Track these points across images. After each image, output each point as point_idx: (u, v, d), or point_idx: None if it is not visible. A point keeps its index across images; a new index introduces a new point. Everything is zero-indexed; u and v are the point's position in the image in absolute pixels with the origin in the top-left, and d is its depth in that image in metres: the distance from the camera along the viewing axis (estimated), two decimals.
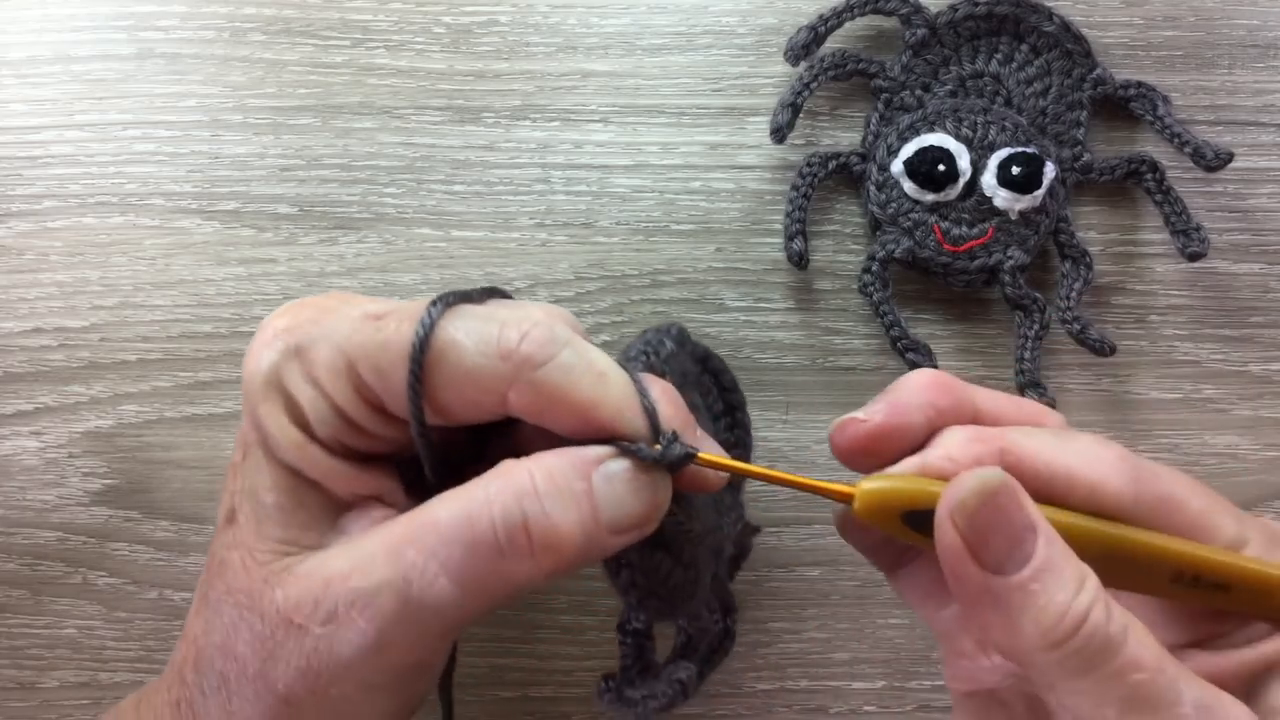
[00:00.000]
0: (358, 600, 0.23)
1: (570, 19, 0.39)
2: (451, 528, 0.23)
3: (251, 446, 0.25)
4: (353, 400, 0.24)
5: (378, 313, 0.24)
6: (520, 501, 0.23)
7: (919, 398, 0.26)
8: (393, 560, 0.23)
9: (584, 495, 0.24)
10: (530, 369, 0.23)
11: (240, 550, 0.25)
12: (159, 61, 0.39)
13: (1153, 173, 0.38)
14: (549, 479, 0.23)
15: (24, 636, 0.38)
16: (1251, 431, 0.39)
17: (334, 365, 0.24)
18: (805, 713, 0.39)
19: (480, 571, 0.23)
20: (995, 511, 0.23)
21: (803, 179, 0.38)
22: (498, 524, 0.23)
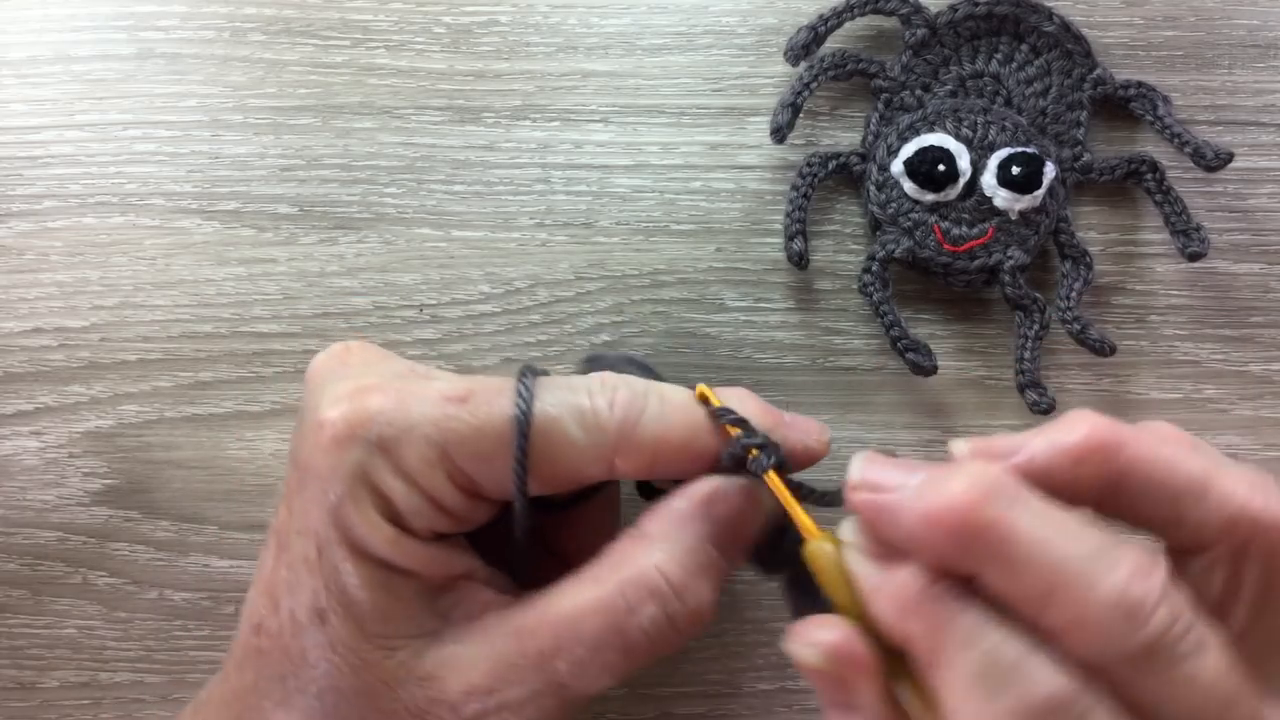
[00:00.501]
0: (509, 705, 0.23)
1: (570, 19, 0.39)
2: (599, 639, 0.23)
3: (331, 544, 0.24)
4: (448, 489, 0.24)
5: (458, 394, 0.24)
6: (664, 607, 0.24)
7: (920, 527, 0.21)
8: (540, 672, 0.24)
9: (709, 563, 0.24)
10: (630, 430, 0.24)
11: (342, 652, 0.24)
12: (159, 61, 0.39)
13: (1153, 173, 0.38)
14: (679, 568, 0.24)
15: (24, 636, 0.38)
16: (1251, 431, 0.39)
17: (427, 458, 0.23)
18: (805, 713, 0.39)
19: (636, 665, 0.24)
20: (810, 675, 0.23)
21: (803, 179, 0.38)
22: (648, 632, 0.24)
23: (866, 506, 0.22)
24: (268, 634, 0.25)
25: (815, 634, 0.22)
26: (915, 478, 0.22)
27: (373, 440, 0.23)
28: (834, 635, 0.22)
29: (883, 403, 0.39)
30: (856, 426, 0.39)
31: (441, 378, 0.25)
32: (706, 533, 0.25)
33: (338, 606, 0.24)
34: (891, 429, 0.39)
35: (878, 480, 0.22)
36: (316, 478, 0.24)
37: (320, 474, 0.24)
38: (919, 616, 0.21)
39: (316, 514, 0.24)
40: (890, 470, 0.22)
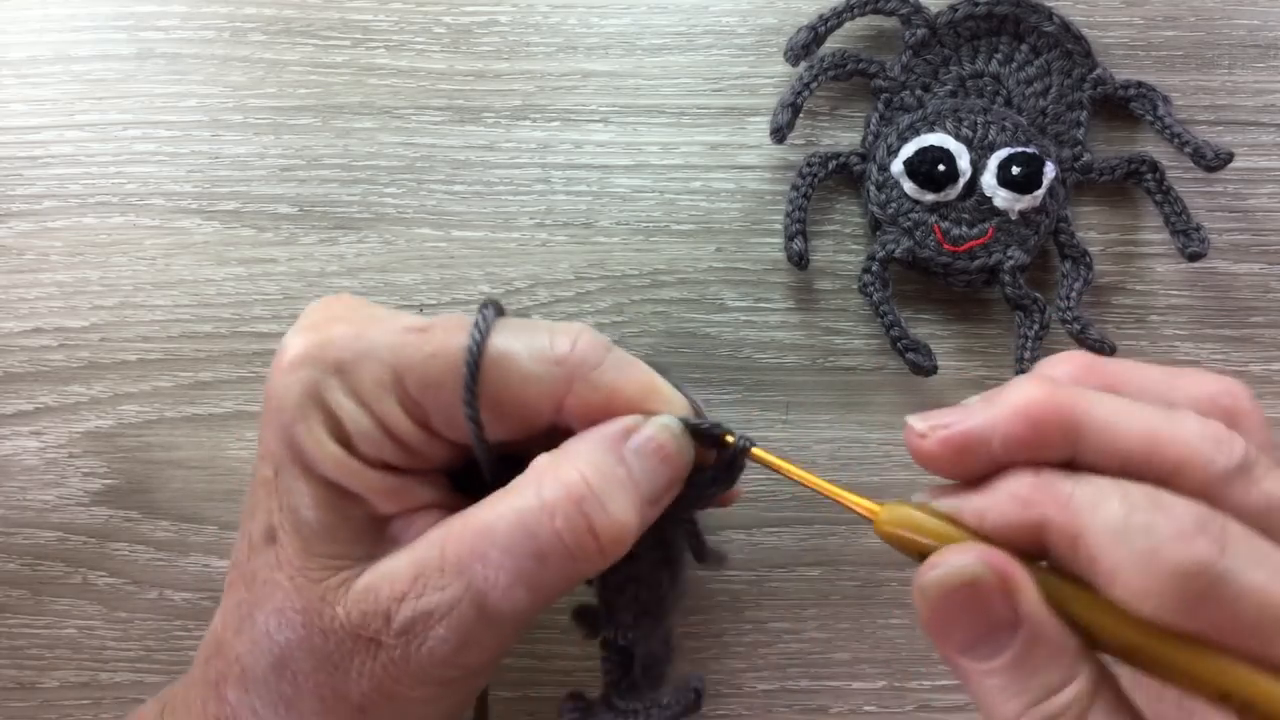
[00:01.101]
0: (435, 611, 0.23)
1: (570, 19, 0.39)
2: (516, 540, 0.23)
3: (285, 464, 0.24)
4: (399, 417, 0.24)
5: (419, 325, 0.24)
6: (580, 506, 0.23)
7: (997, 425, 0.22)
8: (460, 576, 0.23)
9: (627, 479, 0.24)
10: (586, 371, 0.24)
11: (287, 570, 0.24)
12: (159, 61, 0.39)
13: (1153, 173, 0.38)
14: (598, 473, 0.24)
15: (24, 636, 0.38)
16: None
17: (380, 380, 0.24)
18: (805, 713, 0.39)
19: (553, 577, 0.24)
20: (962, 604, 0.22)
21: (803, 179, 0.38)
22: (564, 533, 0.23)
23: (949, 439, 0.23)
24: (235, 564, 0.26)
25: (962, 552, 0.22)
26: (974, 403, 0.23)
27: (328, 361, 0.24)
28: (978, 549, 0.22)
29: (883, 403, 0.39)
30: (856, 426, 0.39)
31: (407, 315, 0.25)
32: (627, 457, 0.24)
33: (286, 525, 0.24)
34: (891, 429, 0.39)
35: (942, 419, 0.23)
36: (275, 400, 0.24)
37: (277, 396, 0.24)
38: (1045, 499, 0.22)
39: (273, 436, 0.24)
40: (945, 412, 0.23)
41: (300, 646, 0.24)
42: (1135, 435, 0.22)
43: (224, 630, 0.25)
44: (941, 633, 0.22)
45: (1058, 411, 0.22)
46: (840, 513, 0.39)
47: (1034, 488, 0.22)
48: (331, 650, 0.24)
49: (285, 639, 0.24)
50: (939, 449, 0.23)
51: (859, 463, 0.39)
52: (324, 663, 0.24)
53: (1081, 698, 0.21)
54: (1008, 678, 0.21)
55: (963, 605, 0.22)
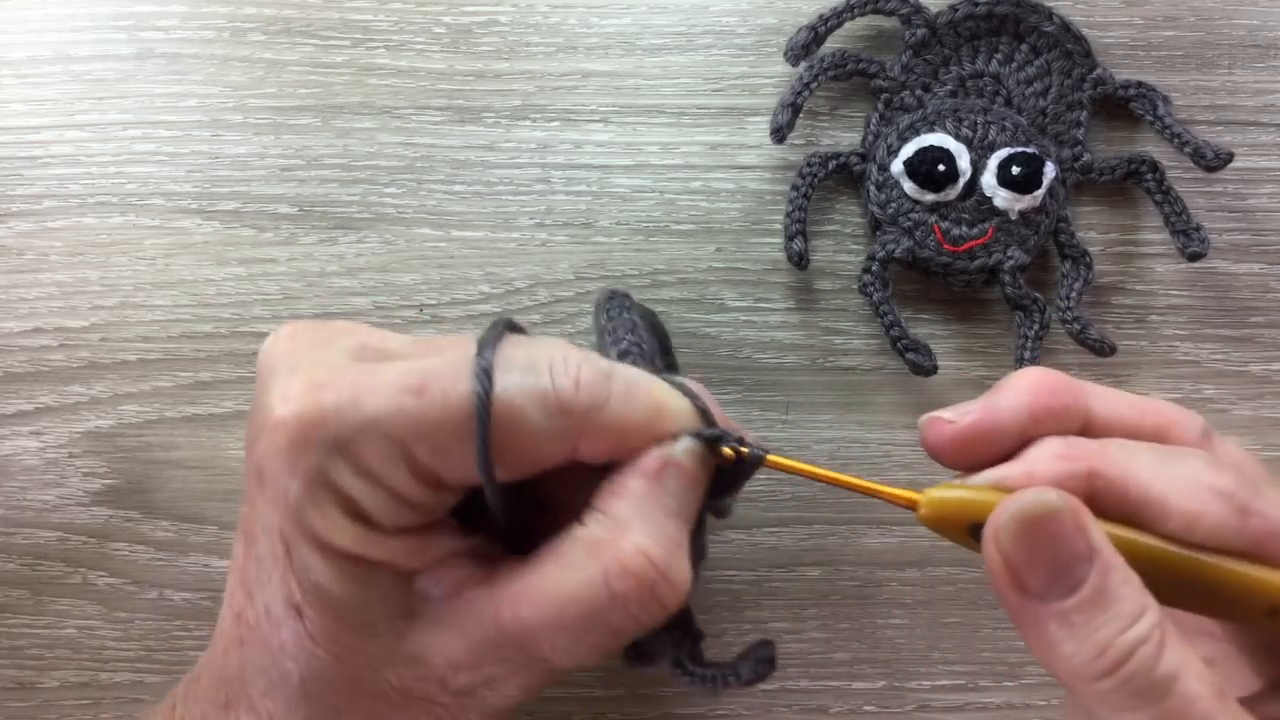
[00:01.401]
0: (495, 680, 0.24)
1: (570, 19, 0.39)
2: (583, 624, 0.23)
3: (296, 541, 0.23)
4: (410, 484, 0.23)
5: (413, 385, 0.23)
6: (653, 589, 0.23)
7: (1017, 401, 0.24)
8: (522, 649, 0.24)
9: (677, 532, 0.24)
10: (594, 415, 0.24)
11: (324, 644, 0.24)
12: (159, 61, 0.39)
13: (1153, 173, 0.38)
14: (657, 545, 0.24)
15: (24, 636, 0.38)
16: (1252, 431, 0.39)
17: (387, 455, 0.23)
18: (805, 713, 0.39)
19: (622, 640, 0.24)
20: (1041, 537, 0.22)
21: (803, 179, 0.38)
22: (636, 614, 0.24)
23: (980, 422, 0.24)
24: (247, 624, 0.25)
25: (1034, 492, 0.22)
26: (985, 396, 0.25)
27: (329, 441, 0.23)
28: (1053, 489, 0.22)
29: (883, 403, 0.39)
30: (856, 426, 0.39)
31: (397, 357, 0.25)
32: (669, 506, 0.24)
33: (312, 600, 0.23)
34: (891, 429, 0.39)
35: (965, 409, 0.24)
36: (274, 480, 0.23)
37: (278, 477, 0.23)
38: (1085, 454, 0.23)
39: (278, 515, 0.23)
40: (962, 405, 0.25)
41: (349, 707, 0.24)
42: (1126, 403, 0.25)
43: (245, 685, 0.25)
44: (1019, 575, 0.22)
45: (1067, 384, 0.24)
46: (840, 513, 0.39)
47: (1070, 446, 0.23)
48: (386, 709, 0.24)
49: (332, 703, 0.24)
50: (969, 429, 0.24)
51: (859, 462, 0.39)
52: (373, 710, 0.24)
53: (1160, 622, 0.22)
54: (1088, 613, 0.22)
55: (1042, 540, 0.22)
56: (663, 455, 0.24)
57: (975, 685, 0.39)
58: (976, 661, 0.39)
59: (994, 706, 0.39)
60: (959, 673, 0.39)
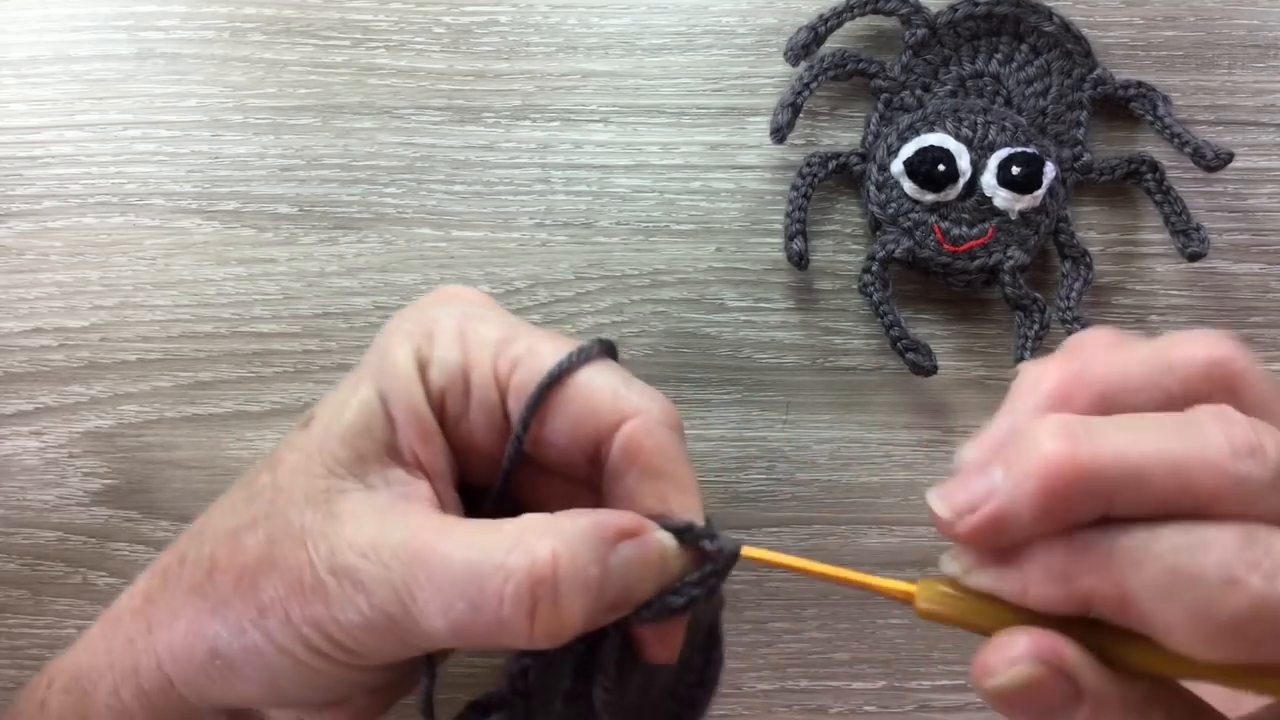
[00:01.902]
0: (364, 580, 0.24)
1: (570, 19, 0.39)
2: (462, 578, 0.23)
3: (363, 371, 0.26)
4: (484, 367, 0.26)
5: (531, 327, 0.27)
6: (533, 586, 0.23)
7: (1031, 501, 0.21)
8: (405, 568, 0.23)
9: (595, 581, 0.23)
10: (654, 421, 0.25)
11: (300, 453, 0.25)
12: (159, 61, 0.39)
13: (1153, 173, 0.38)
14: (570, 561, 0.23)
15: (24, 636, 0.38)
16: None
17: (489, 338, 0.26)
18: (805, 713, 0.39)
19: (476, 630, 0.23)
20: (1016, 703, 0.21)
21: (803, 179, 0.38)
22: (506, 600, 0.23)
23: (979, 527, 0.21)
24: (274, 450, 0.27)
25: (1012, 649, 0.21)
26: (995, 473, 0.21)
27: (459, 310, 0.27)
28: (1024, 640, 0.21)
29: (883, 403, 0.39)
30: (856, 426, 0.39)
31: None
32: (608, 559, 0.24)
33: (327, 414, 0.26)
34: (891, 429, 0.39)
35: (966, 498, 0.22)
36: (405, 316, 0.27)
37: (411, 314, 0.27)
38: (1083, 569, 0.21)
39: (371, 349, 0.26)
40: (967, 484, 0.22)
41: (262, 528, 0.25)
42: (1164, 478, 0.20)
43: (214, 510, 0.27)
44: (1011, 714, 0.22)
45: (1082, 476, 0.20)
46: (840, 513, 0.39)
47: (1068, 559, 0.21)
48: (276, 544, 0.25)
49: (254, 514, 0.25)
50: (970, 535, 0.22)
51: (859, 462, 0.39)
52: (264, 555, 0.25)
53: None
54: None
55: (1026, 703, 0.21)
56: (635, 523, 0.24)
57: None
58: None
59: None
60: (959, 673, 0.39)
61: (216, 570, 0.25)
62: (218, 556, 0.25)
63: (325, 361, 0.38)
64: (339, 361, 0.38)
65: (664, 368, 0.39)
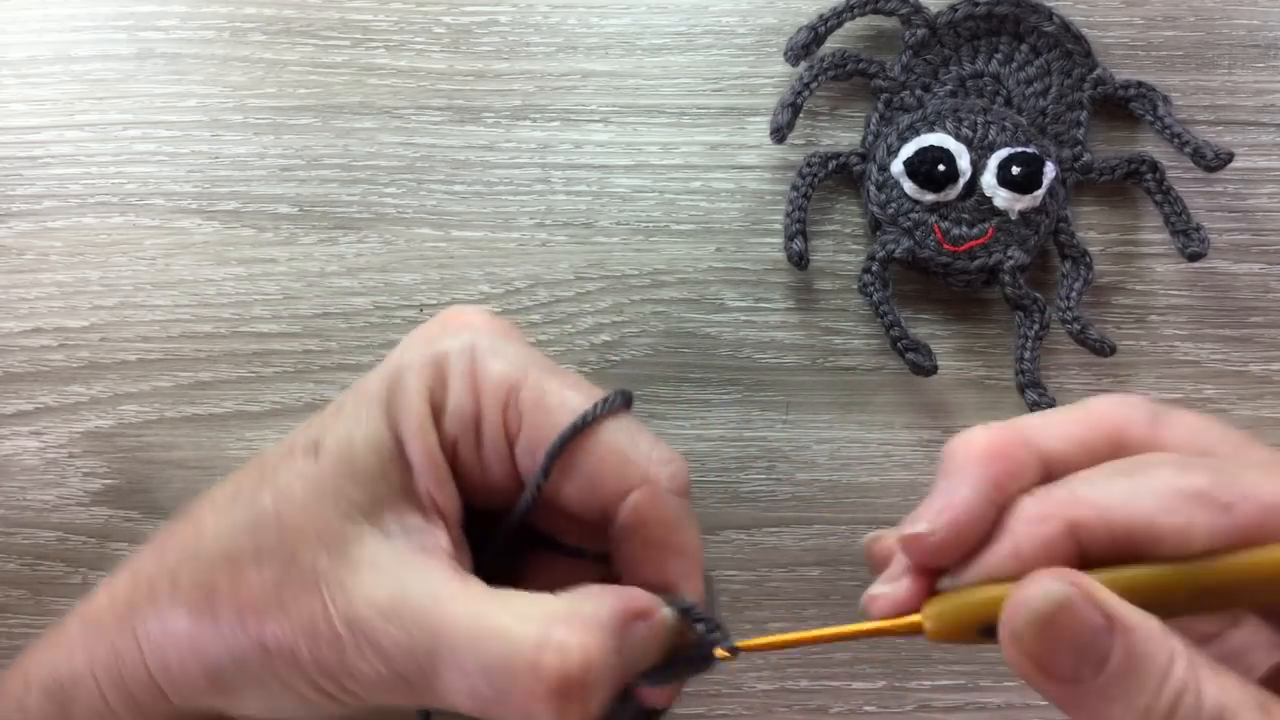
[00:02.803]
0: (385, 645, 0.23)
1: (570, 19, 0.39)
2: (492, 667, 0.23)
3: (371, 399, 0.25)
4: (495, 418, 0.25)
5: (546, 364, 0.26)
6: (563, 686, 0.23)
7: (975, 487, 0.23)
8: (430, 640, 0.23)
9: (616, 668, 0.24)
10: (666, 485, 0.25)
11: (310, 486, 0.24)
12: (159, 61, 0.39)
13: (1153, 173, 0.38)
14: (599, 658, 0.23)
15: (24, 636, 0.38)
16: (1252, 431, 0.39)
17: (500, 380, 0.25)
18: (805, 713, 0.39)
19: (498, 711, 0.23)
20: (1059, 629, 0.21)
21: (803, 179, 0.38)
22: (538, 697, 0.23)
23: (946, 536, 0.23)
24: (259, 457, 0.26)
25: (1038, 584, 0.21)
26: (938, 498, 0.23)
27: (468, 342, 0.25)
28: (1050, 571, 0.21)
29: (883, 403, 0.39)
30: (856, 426, 0.39)
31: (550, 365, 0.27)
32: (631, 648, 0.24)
33: (335, 447, 0.25)
34: (891, 429, 0.39)
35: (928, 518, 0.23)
36: (402, 346, 0.26)
37: (407, 343, 0.26)
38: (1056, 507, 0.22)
39: (380, 372, 0.26)
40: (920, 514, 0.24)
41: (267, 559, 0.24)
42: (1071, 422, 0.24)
43: (205, 502, 0.26)
44: (1048, 668, 0.22)
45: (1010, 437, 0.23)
46: (840, 513, 0.39)
47: (1042, 503, 0.23)
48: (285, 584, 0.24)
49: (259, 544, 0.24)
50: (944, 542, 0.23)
51: (859, 462, 0.39)
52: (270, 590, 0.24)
53: (1191, 662, 0.21)
54: (1122, 683, 0.21)
55: (1061, 630, 0.21)
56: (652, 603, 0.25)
57: (975, 685, 0.39)
58: (976, 661, 0.39)
59: (994, 706, 0.39)
60: (959, 673, 0.39)
61: (217, 598, 0.24)
62: (218, 584, 0.24)
63: (325, 361, 0.38)
64: (339, 361, 0.38)
65: (664, 368, 0.39)
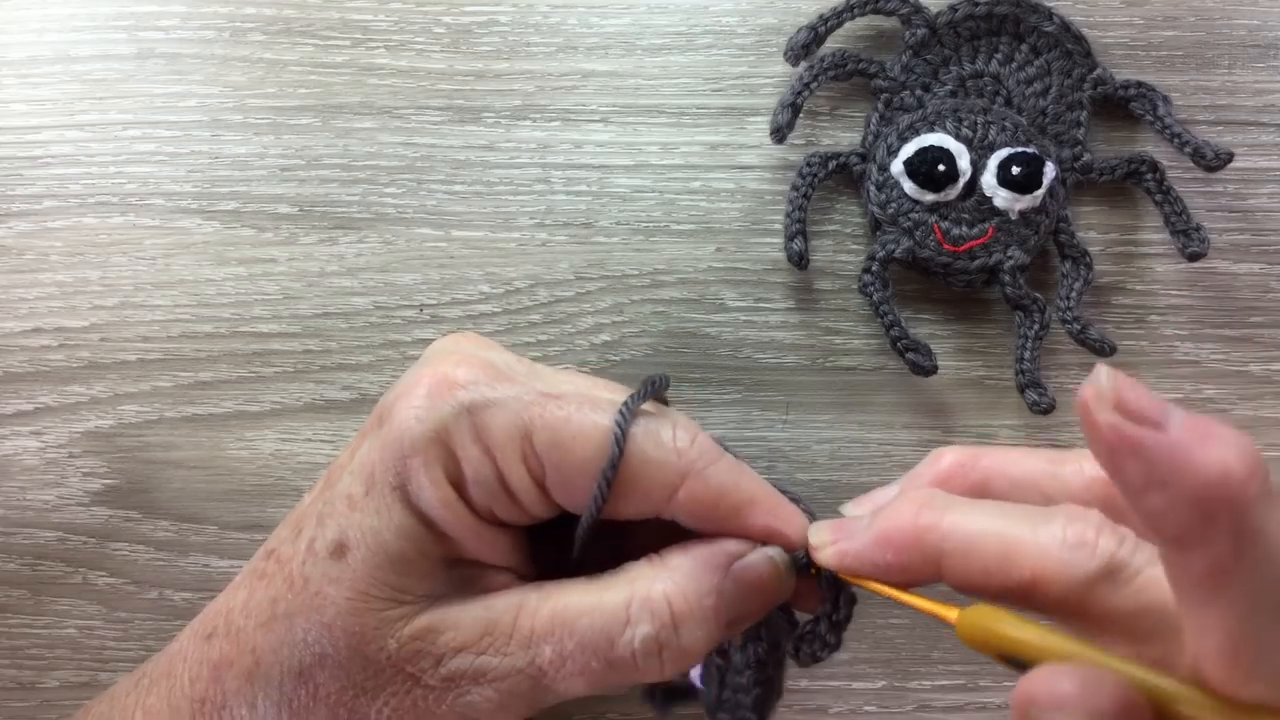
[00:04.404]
0: (488, 673, 0.24)
1: (570, 19, 0.39)
2: (590, 639, 0.24)
3: (384, 487, 0.24)
4: (520, 471, 0.24)
5: (552, 392, 0.25)
6: (658, 632, 0.24)
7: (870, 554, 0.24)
8: (526, 650, 0.24)
9: (714, 610, 0.25)
10: (701, 467, 0.25)
11: (348, 588, 0.24)
12: (159, 61, 0.39)
13: (1153, 173, 0.38)
14: (684, 601, 0.24)
15: (24, 636, 0.38)
16: (1251, 431, 0.39)
17: (510, 432, 0.24)
18: (805, 713, 0.39)
19: (613, 681, 0.24)
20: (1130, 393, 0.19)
21: (803, 179, 0.38)
22: (637, 651, 0.24)
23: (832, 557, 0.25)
24: (278, 559, 0.25)
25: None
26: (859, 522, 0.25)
27: (461, 402, 0.24)
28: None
29: (883, 403, 0.39)
30: (856, 426, 0.39)
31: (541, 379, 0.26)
32: (723, 586, 0.25)
33: (364, 545, 0.24)
34: (891, 429, 0.39)
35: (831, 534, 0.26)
36: (396, 424, 0.24)
37: (401, 419, 0.24)
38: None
39: (381, 456, 0.24)
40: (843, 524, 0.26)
41: (335, 664, 0.24)
42: (991, 552, 0.22)
43: (244, 618, 0.25)
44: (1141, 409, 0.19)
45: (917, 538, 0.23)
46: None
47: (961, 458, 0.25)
48: (367, 677, 0.24)
49: (321, 652, 0.24)
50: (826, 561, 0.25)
51: (859, 463, 0.39)
52: (354, 685, 0.24)
53: None
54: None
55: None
56: (740, 547, 0.25)
57: (975, 685, 0.39)
58: (976, 661, 0.39)
59: (994, 706, 0.39)
60: (959, 673, 0.39)
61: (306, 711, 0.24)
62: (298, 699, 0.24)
63: (325, 361, 0.38)
64: (339, 361, 0.38)
65: (664, 368, 0.39)
